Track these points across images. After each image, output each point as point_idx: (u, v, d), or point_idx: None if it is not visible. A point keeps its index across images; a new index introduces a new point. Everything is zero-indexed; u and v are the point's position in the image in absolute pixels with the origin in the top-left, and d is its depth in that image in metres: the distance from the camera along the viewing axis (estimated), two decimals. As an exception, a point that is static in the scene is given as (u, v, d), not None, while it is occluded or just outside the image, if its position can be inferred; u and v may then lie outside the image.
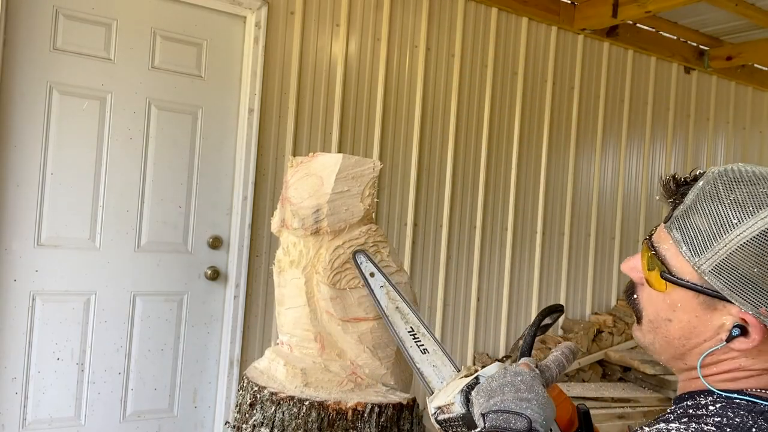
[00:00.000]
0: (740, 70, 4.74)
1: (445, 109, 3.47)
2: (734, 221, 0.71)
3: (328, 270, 1.36)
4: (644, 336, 0.85)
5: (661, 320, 0.81)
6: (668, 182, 0.81)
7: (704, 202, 0.74)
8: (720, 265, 0.72)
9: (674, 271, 0.77)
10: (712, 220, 0.73)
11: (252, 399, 1.35)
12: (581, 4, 3.85)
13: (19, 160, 2.47)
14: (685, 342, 0.79)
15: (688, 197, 0.78)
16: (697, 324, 0.77)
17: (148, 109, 2.70)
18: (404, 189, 3.35)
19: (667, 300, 0.79)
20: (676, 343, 0.80)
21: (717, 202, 0.73)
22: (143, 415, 2.74)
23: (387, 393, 1.38)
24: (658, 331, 0.81)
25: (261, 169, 2.92)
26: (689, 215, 0.76)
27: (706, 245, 0.73)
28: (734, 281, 0.71)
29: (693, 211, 0.75)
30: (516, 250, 3.76)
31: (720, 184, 0.74)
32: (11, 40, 2.43)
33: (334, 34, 3.12)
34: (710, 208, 0.73)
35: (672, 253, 0.77)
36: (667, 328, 0.80)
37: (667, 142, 4.48)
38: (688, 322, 0.77)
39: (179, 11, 2.76)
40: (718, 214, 0.72)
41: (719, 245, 0.71)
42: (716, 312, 0.75)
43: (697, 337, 0.78)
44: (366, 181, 1.40)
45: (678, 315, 0.78)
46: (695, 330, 0.77)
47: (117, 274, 2.66)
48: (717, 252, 0.72)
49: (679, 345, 0.80)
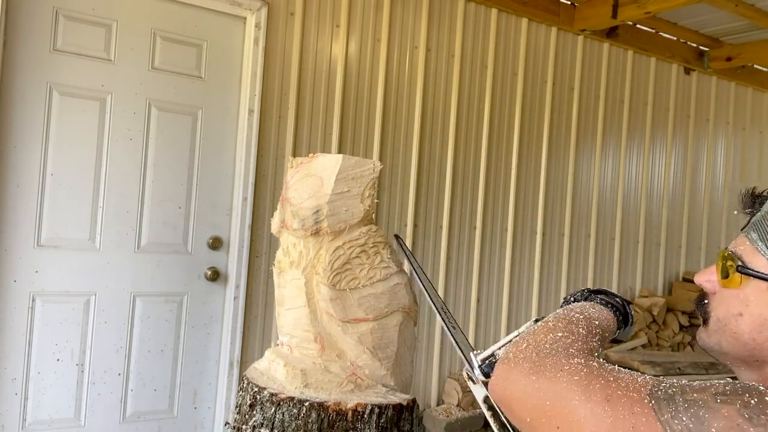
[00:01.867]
0: (740, 71, 4.74)
1: (445, 110, 3.47)
2: None
3: (328, 271, 1.36)
4: (710, 337, 0.85)
5: (730, 317, 0.81)
6: (747, 195, 0.84)
7: None
8: None
9: (750, 265, 0.79)
10: None
11: (252, 400, 1.35)
12: (581, 5, 3.86)
13: (19, 160, 2.47)
14: (756, 336, 0.79)
15: (765, 205, 0.81)
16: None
17: (148, 109, 2.70)
18: (404, 190, 3.35)
19: (740, 295, 0.80)
20: (746, 338, 0.79)
21: None
22: (143, 416, 2.74)
23: (387, 394, 1.38)
24: (726, 328, 0.81)
25: (261, 169, 2.92)
26: (766, 217, 0.79)
27: None
28: None
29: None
30: (516, 251, 3.76)
31: None
32: (11, 41, 2.43)
33: (334, 34, 3.12)
34: None
35: (748, 251, 0.80)
36: (737, 324, 0.80)
37: (667, 142, 4.48)
38: (760, 314, 0.78)
39: (179, 12, 2.76)
40: None
41: None
42: None
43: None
44: (366, 181, 1.40)
45: (750, 309, 0.79)
46: (767, 323, 0.77)
47: (117, 274, 2.66)
48: None
49: (749, 339, 0.79)
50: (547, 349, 0.76)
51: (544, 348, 0.77)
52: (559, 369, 0.71)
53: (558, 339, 0.78)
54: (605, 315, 0.92)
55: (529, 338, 0.80)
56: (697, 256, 4.69)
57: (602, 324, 0.88)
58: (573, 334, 0.80)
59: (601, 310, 0.92)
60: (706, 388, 0.63)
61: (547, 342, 0.78)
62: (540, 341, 0.78)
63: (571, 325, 0.82)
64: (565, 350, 0.75)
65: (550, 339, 0.78)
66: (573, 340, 0.78)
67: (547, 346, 0.77)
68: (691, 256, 4.65)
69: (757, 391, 0.61)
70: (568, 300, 0.99)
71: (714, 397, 0.61)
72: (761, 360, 0.80)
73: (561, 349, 0.75)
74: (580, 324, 0.83)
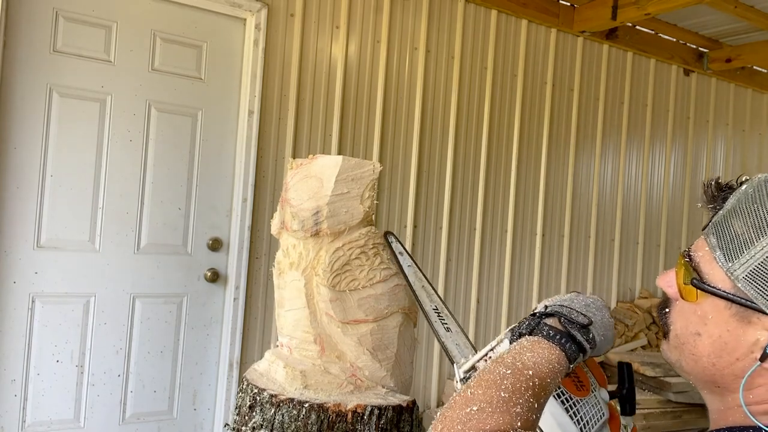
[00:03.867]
0: (739, 72, 4.75)
1: (445, 111, 3.48)
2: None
3: (327, 272, 1.35)
4: (671, 353, 0.77)
5: (689, 335, 0.73)
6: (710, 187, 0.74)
7: (744, 205, 0.68)
8: (755, 270, 0.65)
9: (707, 278, 0.70)
10: (751, 222, 0.66)
11: (252, 401, 1.35)
12: (581, 7, 3.86)
13: (18, 162, 2.47)
14: (715, 360, 0.70)
15: (728, 202, 0.71)
16: (729, 339, 0.68)
17: (148, 111, 2.70)
18: (404, 191, 3.35)
19: (698, 312, 0.71)
20: (705, 362, 0.71)
21: (758, 204, 0.66)
22: (143, 417, 2.74)
23: (387, 395, 1.38)
24: (685, 347, 0.74)
25: (261, 171, 2.92)
26: (728, 219, 0.69)
27: (741, 249, 0.66)
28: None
29: (732, 215, 0.69)
30: (516, 252, 3.76)
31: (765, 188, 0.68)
32: (11, 42, 2.44)
33: (334, 36, 3.12)
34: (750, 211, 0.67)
35: (707, 259, 0.71)
36: (695, 344, 0.72)
37: (667, 144, 4.49)
38: (719, 337, 0.69)
39: (179, 13, 2.76)
40: (758, 216, 0.66)
41: (756, 249, 0.65)
42: (750, 326, 0.66)
43: (729, 354, 0.69)
44: (366, 183, 1.40)
45: (708, 329, 0.70)
46: (726, 347, 0.69)
47: (116, 276, 2.65)
48: (753, 256, 0.65)
49: (708, 364, 0.71)
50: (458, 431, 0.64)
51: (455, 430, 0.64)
52: None
53: (471, 416, 0.65)
54: (547, 356, 0.74)
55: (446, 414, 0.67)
56: (696, 257, 4.68)
57: (538, 371, 0.72)
58: (490, 404, 0.66)
59: (542, 350, 0.75)
60: None
61: (460, 422, 0.65)
62: (454, 419, 0.65)
63: (491, 390, 0.68)
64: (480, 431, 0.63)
65: (463, 417, 0.65)
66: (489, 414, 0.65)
67: (459, 428, 0.64)
68: (691, 257, 4.64)
69: None
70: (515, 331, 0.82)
71: None
72: (723, 387, 0.72)
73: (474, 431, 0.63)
74: (504, 384, 0.69)
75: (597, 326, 0.81)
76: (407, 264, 1.38)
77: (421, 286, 1.33)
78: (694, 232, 4.67)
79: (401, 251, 1.40)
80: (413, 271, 1.37)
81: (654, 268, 4.44)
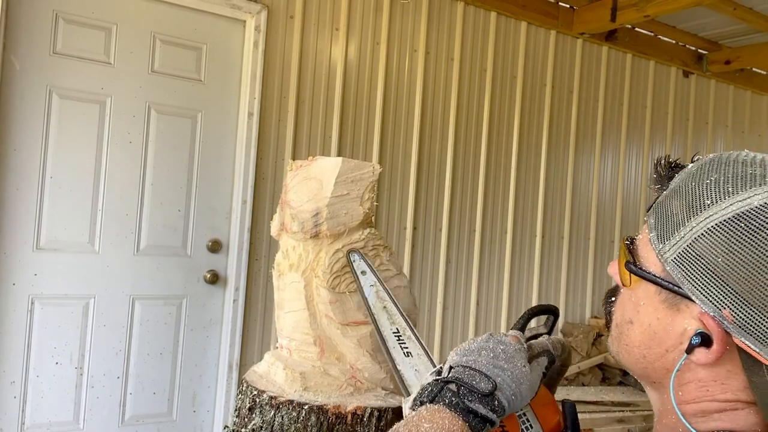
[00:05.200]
0: (739, 74, 4.75)
1: (445, 113, 3.48)
2: (707, 202, 0.58)
3: (327, 273, 1.35)
4: (612, 344, 0.71)
5: (624, 323, 0.67)
6: (659, 165, 0.68)
7: (684, 184, 0.62)
8: (684, 252, 0.59)
9: (641, 262, 0.65)
10: (686, 201, 0.60)
11: (251, 403, 1.35)
12: (580, 9, 3.86)
13: (18, 163, 2.47)
14: (645, 352, 0.65)
15: (673, 181, 0.66)
16: (658, 328, 0.63)
17: (147, 112, 2.70)
18: (404, 192, 3.36)
19: (632, 298, 0.66)
20: (636, 353, 0.66)
21: (696, 182, 0.61)
22: (142, 419, 2.73)
23: (386, 397, 1.38)
24: (621, 337, 0.68)
25: (260, 172, 2.92)
26: (668, 199, 0.64)
27: (673, 230, 0.61)
28: (696, 272, 0.58)
29: (673, 195, 0.63)
30: (515, 254, 3.76)
31: (708, 165, 0.62)
32: (11, 44, 2.44)
33: (334, 37, 3.13)
34: (688, 189, 0.61)
35: (644, 242, 0.66)
36: (628, 334, 0.67)
37: (666, 145, 4.49)
38: (649, 325, 0.64)
39: (179, 15, 2.76)
40: (693, 195, 0.60)
41: (686, 229, 0.59)
42: (679, 314, 0.61)
43: (658, 345, 0.64)
44: (365, 184, 1.40)
45: (640, 317, 0.65)
46: (655, 336, 0.64)
47: (116, 277, 2.65)
48: (683, 237, 0.59)
49: (639, 355, 0.66)
50: None
51: None
52: None
53: None
54: (448, 426, 0.67)
55: None
56: (696, 258, 4.68)
57: None
58: None
59: (442, 421, 0.67)
60: None
61: None
62: None
63: None
64: None
65: None
66: None
67: None
68: (691, 258, 4.65)
69: None
70: (416, 400, 0.73)
71: None
72: (657, 382, 0.67)
73: None
74: None
75: (504, 388, 0.71)
76: (369, 284, 1.29)
77: (382, 307, 1.25)
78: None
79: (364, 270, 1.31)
80: (374, 291, 1.28)
81: (653, 269, 4.44)
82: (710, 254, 0.57)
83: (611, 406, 3.41)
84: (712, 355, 0.59)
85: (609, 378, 3.87)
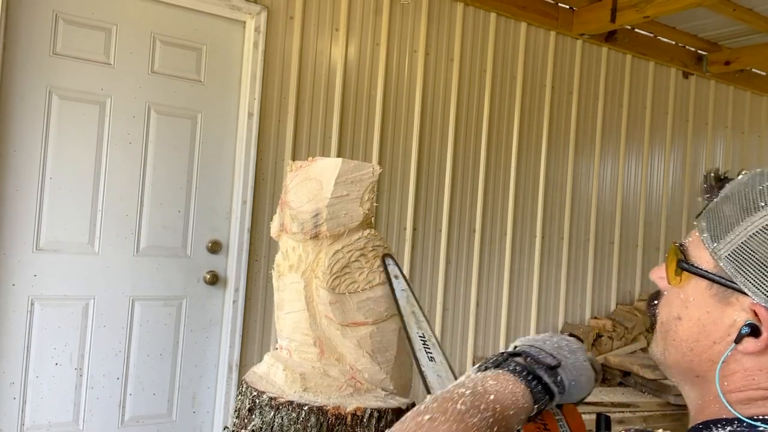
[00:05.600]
0: (738, 75, 4.76)
1: (444, 114, 3.48)
2: (761, 204, 0.65)
3: (327, 274, 1.35)
4: (657, 345, 0.76)
5: (671, 320, 0.72)
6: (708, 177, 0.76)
7: (737, 191, 0.69)
8: (738, 249, 0.65)
9: (693, 261, 0.70)
10: (739, 205, 0.67)
11: (251, 404, 1.34)
12: (580, 9, 3.86)
13: (18, 164, 2.47)
14: (693, 345, 0.69)
15: (723, 190, 0.72)
16: (707, 322, 0.68)
17: (147, 113, 2.70)
18: (403, 193, 3.36)
19: (681, 295, 0.71)
20: (684, 347, 0.70)
21: (749, 188, 0.67)
22: (142, 420, 2.73)
23: (386, 398, 1.38)
24: (668, 334, 0.72)
25: (260, 173, 2.92)
26: (719, 204, 0.70)
27: (727, 229, 0.67)
28: (749, 266, 0.64)
29: (724, 201, 0.70)
30: (515, 255, 3.76)
31: (758, 174, 0.69)
32: (11, 45, 2.44)
33: (334, 38, 3.13)
34: (741, 195, 0.68)
35: (695, 244, 0.71)
36: (676, 329, 0.71)
37: (666, 146, 4.49)
38: (698, 319, 0.69)
39: (179, 16, 2.76)
40: (746, 199, 0.67)
41: (740, 228, 0.65)
42: (729, 307, 0.66)
43: (706, 338, 0.68)
44: (365, 185, 1.40)
45: (689, 312, 0.70)
46: (705, 329, 0.68)
47: (116, 278, 2.65)
48: (738, 235, 0.65)
49: (687, 349, 0.70)
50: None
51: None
52: None
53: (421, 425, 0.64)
54: (511, 387, 0.72)
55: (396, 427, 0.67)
56: (696, 259, 4.68)
57: (500, 398, 0.70)
58: (444, 413, 0.65)
59: (506, 383, 0.73)
60: None
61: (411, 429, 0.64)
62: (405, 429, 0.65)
63: (447, 403, 0.67)
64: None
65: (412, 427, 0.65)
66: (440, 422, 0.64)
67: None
68: (690, 259, 4.65)
69: None
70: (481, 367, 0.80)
71: None
72: (701, 376, 0.70)
73: None
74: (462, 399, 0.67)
75: (567, 369, 0.78)
76: (401, 288, 1.34)
77: (411, 311, 1.30)
78: (693, 234, 4.67)
79: (397, 274, 1.37)
80: (405, 296, 1.33)
81: (653, 270, 4.44)
82: (763, 250, 0.63)
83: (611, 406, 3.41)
84: (762, 343, 0.64)
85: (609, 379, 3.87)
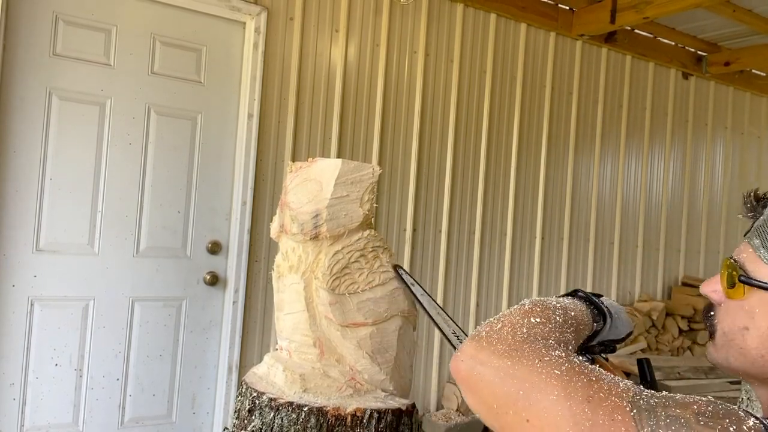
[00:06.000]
0: (738, 76, 4.76)
1: (444, 115, 3.48)
2: None
3: (327, 275, 1.35)
4: (717, 352, 0.80)
5: (736, 330, 0.76)
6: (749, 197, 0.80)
7: None
8: None
9: (752, 275, 0.75)
10: None
11: (251, 405, 1.34)
12: (579, 10, 3.87)
13: (18, 165, 2.47)
14: (764, 352, 0.74)
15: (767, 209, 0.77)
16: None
17: (147, 114, 2.70)
18: (403, 194, 3.36)
19: (745, 307, 0.75)
20: (754, 354, 0.75)
21: None
22: (141, 421, 2.73)
23: (386, 399, 1.38)
24: (733, 343, 0.77)
25: (260, 174, 2.92)
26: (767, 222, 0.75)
27: None
28: None
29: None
30: (515, 255, 3.76)
31: None
32: (11, 46, 2.44)
33: (334, 39, 3.13)
34: None
35: (751, 259, 0.76)
36: (743, 339, 0.75)
37: (666, 147, 4.49)
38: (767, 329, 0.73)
39: (179, 17, 2.76)
40: None
41: None
42: None
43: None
44: (365, 186, 1.40)
45: (756, 322, 0.74)
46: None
47: (116, 279, 2.65)
48: None
49: (757, 356, 0.75)
50: (524, 333, 0.69)
51: (521, 332, 0.69)
52: (538, 358, 0.64)
53: (536, 325, 0.71)
54: (580, 308, 0.86)
55: (503, 319, 0.72)
56: (696, 260, 4.69)
57: (578, 316, 0.82)
58: (550, 322, 0.73)
59: (576, 303, 0.86)
60: (688, 404, 0.59)
61: (525, 326, 0.70)
62: (516, 324, 0.71)
63: (548, 312, 0.75)
64: (544, 339, 0.69)
65: (527, 323, 0.71)
66: (551, 329, 0.72)
67: (524, 330, 0.70)
68: (690, 260, 4.65)
69: (737, 416, 0.57)
70: None
71: (696, 417, 0.57)
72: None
73: (539, 338, 0.69)
74: (557, 312, 0.77)
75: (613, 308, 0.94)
76: (420, 293, 1.39)
77: (437, 312, 1.35)
78: (692, 235, 4.67)
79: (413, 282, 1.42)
80: (427, 300, 1.38)
81: (653, 271, 4.44)
82: None
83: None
84: None
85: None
